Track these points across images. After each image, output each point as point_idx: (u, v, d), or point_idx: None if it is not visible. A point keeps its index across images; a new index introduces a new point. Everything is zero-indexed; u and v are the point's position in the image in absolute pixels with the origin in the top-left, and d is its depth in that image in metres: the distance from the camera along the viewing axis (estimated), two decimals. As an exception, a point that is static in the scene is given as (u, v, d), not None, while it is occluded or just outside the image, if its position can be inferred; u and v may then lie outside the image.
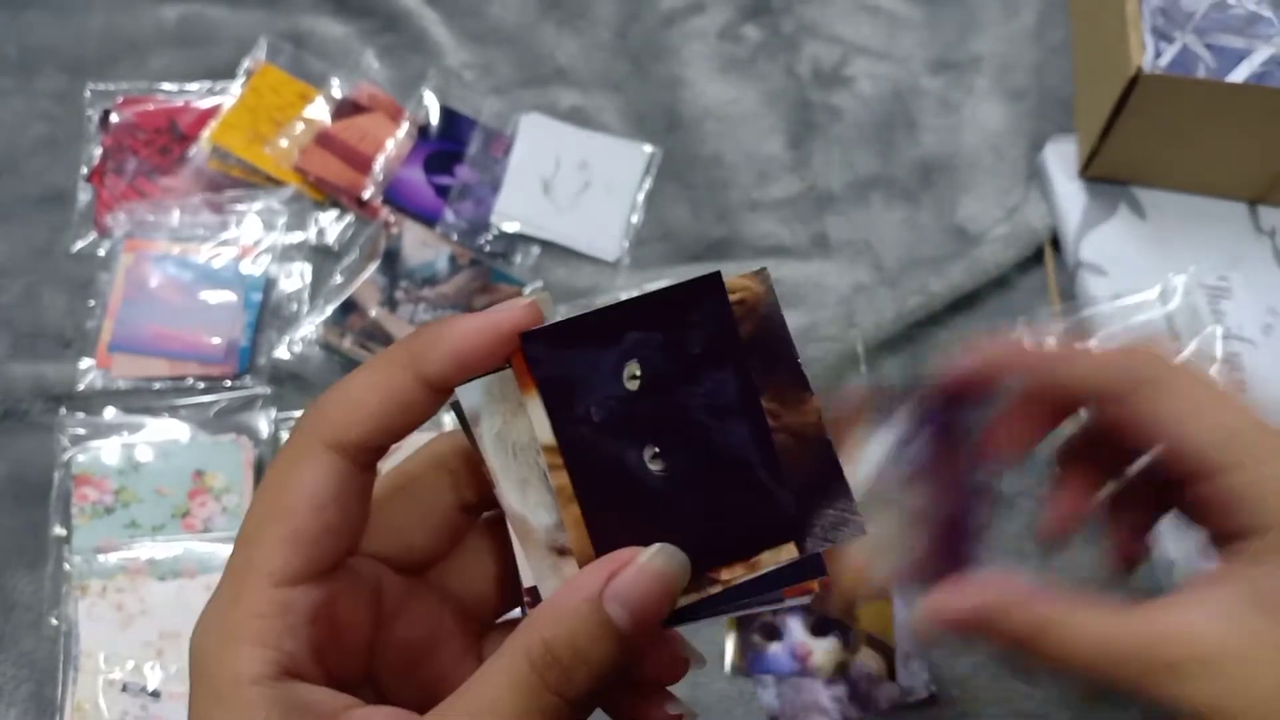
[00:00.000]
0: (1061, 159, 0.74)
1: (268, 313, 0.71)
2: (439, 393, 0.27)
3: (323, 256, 0.73)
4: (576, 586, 0.25)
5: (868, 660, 0.59)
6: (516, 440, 0.27)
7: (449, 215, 0.75)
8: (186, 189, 0.75)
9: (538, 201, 0.75)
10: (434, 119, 0.78)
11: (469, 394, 0.27)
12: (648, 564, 0.25)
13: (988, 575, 0.34)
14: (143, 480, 0.64)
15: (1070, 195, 0.73)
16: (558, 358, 0.26)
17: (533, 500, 0.27)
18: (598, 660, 0.25)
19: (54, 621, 0.61)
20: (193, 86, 0.79)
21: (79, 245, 0.73)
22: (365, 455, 0.27)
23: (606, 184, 0.76)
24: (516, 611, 0.31)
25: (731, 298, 0.28)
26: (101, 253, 0.73)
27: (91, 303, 0.71)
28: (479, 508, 0.31)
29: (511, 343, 0.26)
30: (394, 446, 0.28)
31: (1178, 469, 0.34)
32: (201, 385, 0.68)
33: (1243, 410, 0.33)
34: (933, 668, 0.60)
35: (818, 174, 0.77)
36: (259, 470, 0.65)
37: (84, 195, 0.75)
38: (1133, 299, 0.68)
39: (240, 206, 0.74)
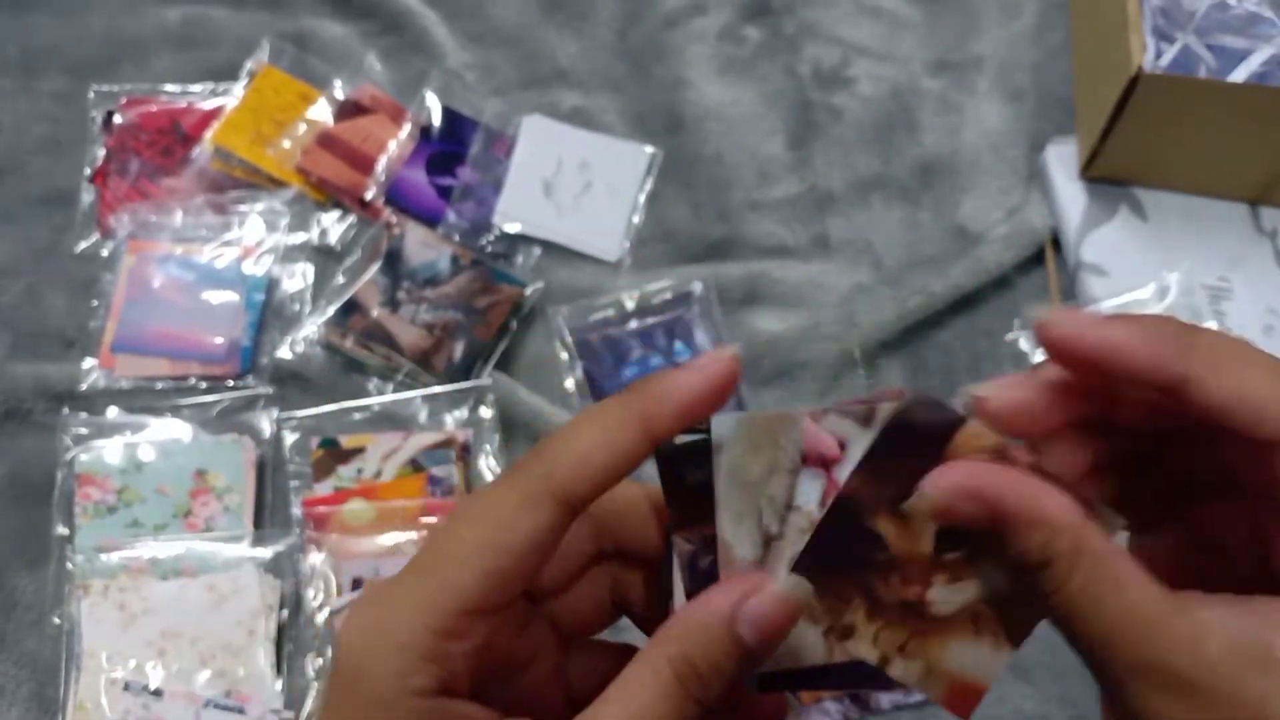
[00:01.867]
0: (1062, 160, 0.74)
1: (270, 313, 0.71)
2: (657, 445, 0.29)
3: (325, 257, 0.74)
4: (711, 606, 0.28)
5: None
6: (747, 476, 0.29)
7: (451, 216, 0.75)
8: (189, 190, 0.75)
9: (539, 202, 0.76)
10: (436, 120, 0.78)
11: (722, 423, 0.29)
12: (777, 590, 0.28)
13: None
14: (145, 480, 0.64)
15: (1071, 196, 0.73)
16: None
17: (743, 533, 0.29)
18: (729, 672, 0.27)
19: (56, 620, 0.61)
20: (195, 88, 0.79)
21: (82, 246, 0.73)
22: (582, 507, 0.29)
23: (608, 185, 0.76)
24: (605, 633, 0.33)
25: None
26: (104, 253, 0.73)
27: (94, 303, 0.71)
28: (607, 556, 0.33)
29: (722, 395, 0.28)
30: None
31: (1237, 451, 0.28)
32: (204, 385, 0.68)
33: None
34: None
35: (818, 174, 0.77)
36: (261, 469, 0.66)
37: (87, 196, 0.75)
38: (1127, 297, 0.69)
39: (243, 207, 0.74)
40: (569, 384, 0.69)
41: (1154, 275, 0.69)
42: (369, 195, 0.75)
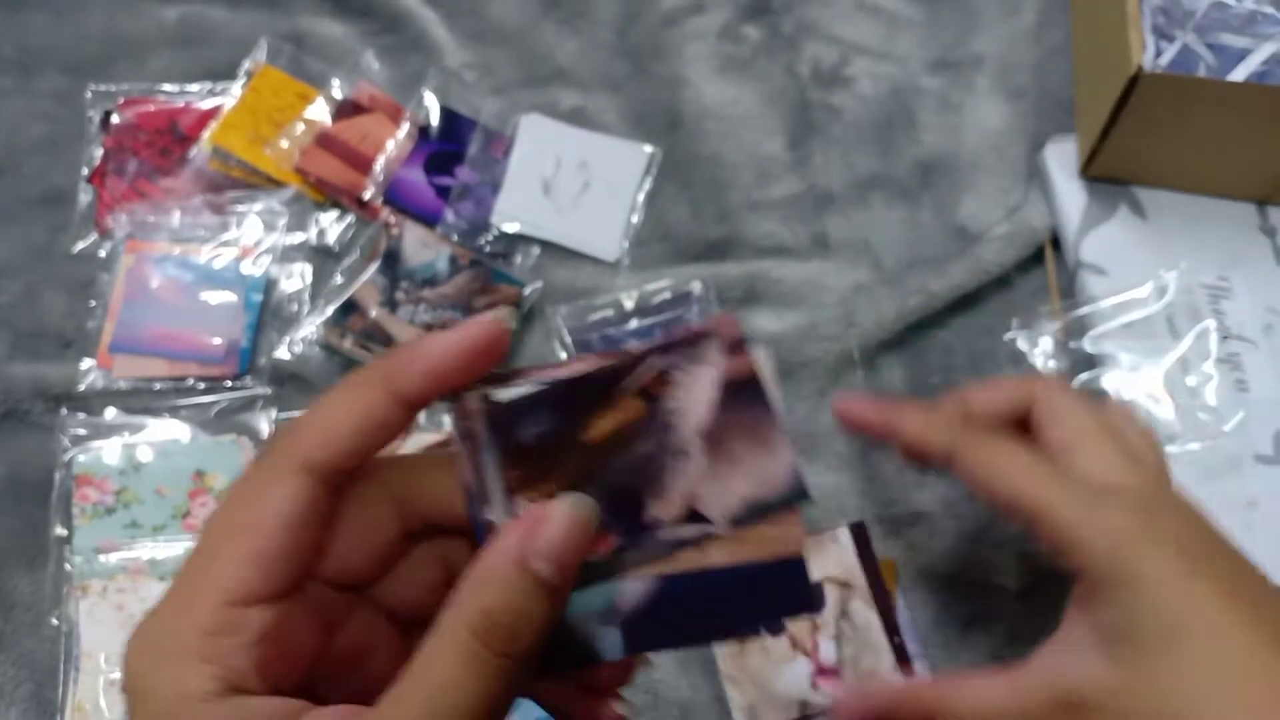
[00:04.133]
0: (1062, 158, 0.74)
1: (268, 313, 0.71)
2: (412, 410, 0.27)
3: (323, 257, 0.74)
4: (498, 552, 0.26)
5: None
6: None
7: (449, 216, 0.75)
8: (187, 190, 0.75)
9: (538, 202, 0.75)
10: (434, 119, 0.78)
11: None
12: (559, 515, 0.27)
13: (887, 679, 0.44)
14: (143, 480, 0.64)
15: (1070, 195, 0.73)
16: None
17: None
18: (536, 615, 0.26)
19: (54, 622, 0.61)
20: (193, 87, 0.79)
21: (80, 246, 0.73)
22: (336, 477, 0.27)
23: (607, 184, 0.76)
24: None
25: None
26: (102, 253, 0.73)
27: (92, 303, 0.71)
28: (420, 534, 0.31)
29: (481, 360, 0.27)
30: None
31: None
32: (202, 386, 0.68)
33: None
34: (932, 666, 0.60)
35: (818, 174, 0.77)
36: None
37: (85, 196, 0.75)
38: (1125, 295, 0.68)
39: (241, 207, 0.74)
40: (568, 384, 0.69)
41: (1153, 274, 0.69)
42: (367, 195, 0.75)
